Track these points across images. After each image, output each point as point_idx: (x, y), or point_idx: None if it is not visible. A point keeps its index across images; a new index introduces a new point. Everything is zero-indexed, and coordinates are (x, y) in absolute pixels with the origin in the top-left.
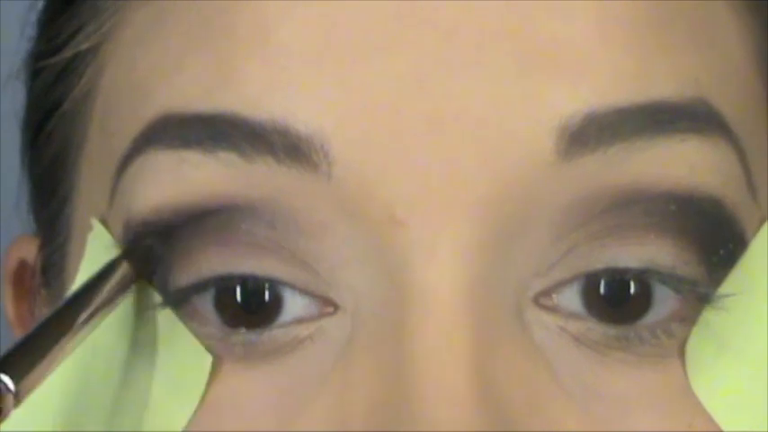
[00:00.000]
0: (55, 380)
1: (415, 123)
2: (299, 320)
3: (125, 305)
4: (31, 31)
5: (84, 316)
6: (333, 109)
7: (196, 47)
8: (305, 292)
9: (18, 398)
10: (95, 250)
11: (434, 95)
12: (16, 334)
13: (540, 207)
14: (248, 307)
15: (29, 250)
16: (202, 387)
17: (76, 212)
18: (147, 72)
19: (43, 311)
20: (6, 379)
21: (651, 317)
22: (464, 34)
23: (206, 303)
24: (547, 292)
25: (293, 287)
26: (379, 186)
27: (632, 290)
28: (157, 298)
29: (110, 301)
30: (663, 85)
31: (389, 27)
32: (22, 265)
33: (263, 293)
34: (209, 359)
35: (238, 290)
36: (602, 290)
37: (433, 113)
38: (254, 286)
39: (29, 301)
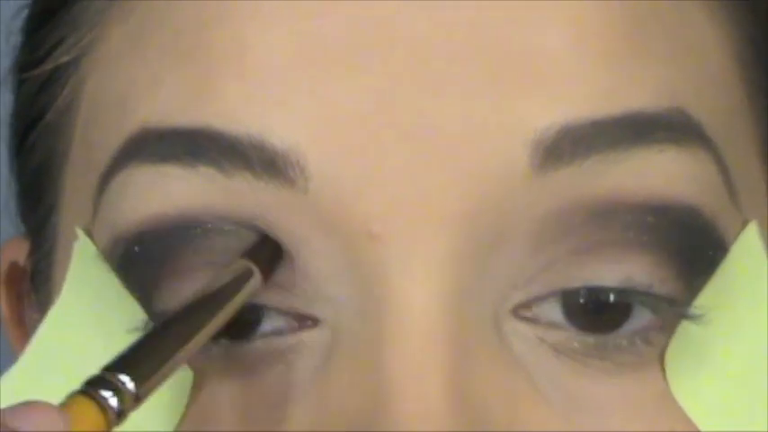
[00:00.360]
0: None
1: (389, 139)
2: (280, 332)
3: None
4: (15, 39)
5: (210, 326)
6: (308, 125)
7: (173, 62)
8: (285, 312)
9: (138, 401)
10: (81, 260)
11: (408, 110)
12: (11, 335)
13: (516, 219)
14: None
15: (20, 252)
16: (184, 401)
17: (62, 222)
18: (125, 86)
19: (33, 317)
20: (127, 380)
21: (630, 325)
22: (438, 50)
23: None
24: (526, 305)
25: (274, 309)
26: (354, 201)
27: (611, 299)
28: (139, 315)
29: (237, 311)
30: (639, 96)
31: (364, 44)
32: (14, 268)
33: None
34: (190, 374)
35: None
36: (581, 299)
37: (408, 128)
38: None
39: (22, 302)
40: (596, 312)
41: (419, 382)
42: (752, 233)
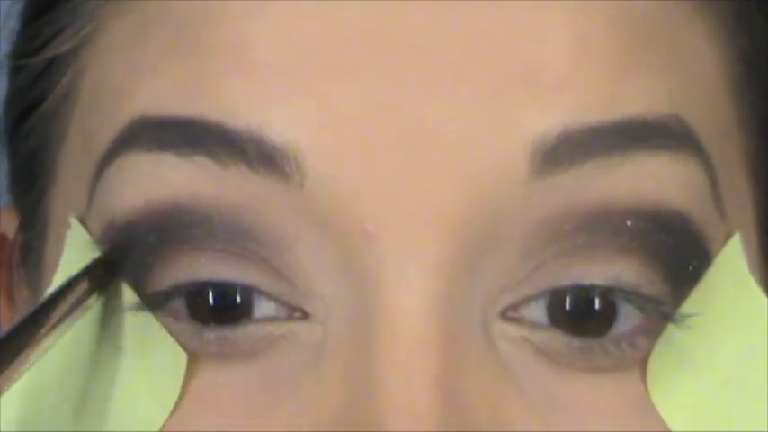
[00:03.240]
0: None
1: (388, 140)
2: (271, 319)
3: (96, 305)
4: (13, 23)
5: (57, 316)
6: (308, 122)
7: (174, 55)
8: (275, 299)
9: None
10: (73, 248)
11: (408, 113)
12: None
13: (512, 224)
14: (219, 308)
15: (9, 224)
16: (179, 383)
17: (54, 208)
18: (124, 75)
19: (23, 293)
20: None
21: (616, 330)
22: (439, 55)
23: (179, 302)
24: (513, 307)
25: (264, 294)
26: (350, 200)
27: (597, 305)
28: (131, 298)
29: (87, 300)
30: (637, 102)
31: (368, 46)
32: (2, 239)
33: (235, 297)
34: (184, 356)
35: (210, 293)
36: (567, 305)
37: (407, 131)
38: (225, 290)
39: (8, 273)
40: (581, 319)
41: (407, 385)
42: (735, 246)
